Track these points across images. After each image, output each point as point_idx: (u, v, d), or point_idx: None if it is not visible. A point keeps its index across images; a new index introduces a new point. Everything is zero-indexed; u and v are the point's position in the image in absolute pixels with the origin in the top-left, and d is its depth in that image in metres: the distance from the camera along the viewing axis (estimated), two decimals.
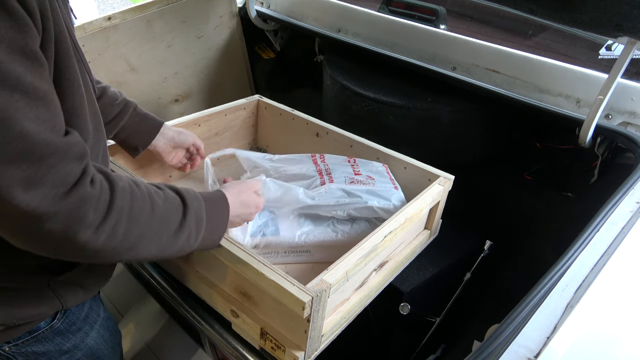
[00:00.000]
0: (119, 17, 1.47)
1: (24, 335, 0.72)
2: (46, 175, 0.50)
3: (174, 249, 0.66)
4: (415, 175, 1.14)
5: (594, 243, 0.81)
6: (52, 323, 0.75)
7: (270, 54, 2.03)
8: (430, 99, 1.40)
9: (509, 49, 1.35)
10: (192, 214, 0.68)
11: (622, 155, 1.19)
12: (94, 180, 0.55)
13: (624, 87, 1.14)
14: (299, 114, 1.35)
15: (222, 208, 0.77)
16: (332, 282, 0.75)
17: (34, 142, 0.48)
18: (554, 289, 0.73)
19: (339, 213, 1.01)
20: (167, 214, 0.64)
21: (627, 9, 0.92)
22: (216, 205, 0.76)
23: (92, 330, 0.83)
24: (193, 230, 0.68)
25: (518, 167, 1.48)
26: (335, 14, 1.71)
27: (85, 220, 0.53)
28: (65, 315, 0.77)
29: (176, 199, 0.67)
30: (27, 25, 0.48)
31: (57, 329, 0.76)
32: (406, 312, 1.08)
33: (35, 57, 0.50)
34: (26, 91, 0.48)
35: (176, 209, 0.66)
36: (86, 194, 0.53)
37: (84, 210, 0.53)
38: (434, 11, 1.63)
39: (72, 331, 0.79)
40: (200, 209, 0.70)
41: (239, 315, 0.86)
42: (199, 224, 0.69)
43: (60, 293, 0.71)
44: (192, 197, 0.70)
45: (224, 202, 0.78)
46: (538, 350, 0.64)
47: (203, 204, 0.71)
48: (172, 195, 0.67)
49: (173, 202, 0.66)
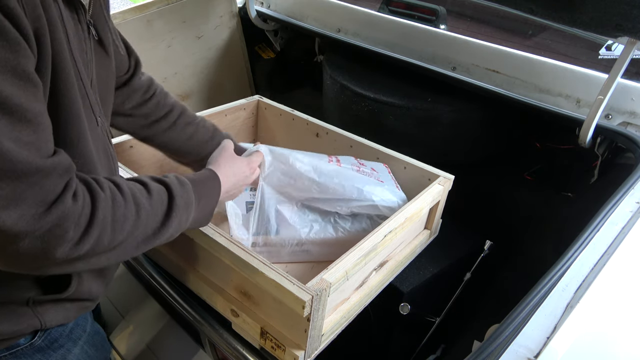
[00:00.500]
0: (119, 17, 1.47)
1: (1, 351, 0.69)
2: (25, 193, 0.48)
3: (164, 238, 0.66)
4: (415, 175, 1.14)
5: (594, 243, 0.81)
6: (32, 340, 0.71)
7: (270, 54, 2.03)
8: (430, 99, 1.40)
9: (509, 49, 1.35)
10: (180, 202, 0.67)
11: (622, 155, 1.19)
12: (77, 193, 0.53)
13: (624, 87, 1.14)
14: (299, 114, 1.35)
15: (213, 188, 0.78)
16: (332, 281, 0.75)
17: (13, 161, 0.47)
18: (554, 289, 0.73)
19: (343, 209, 1.01)
20: (153, 211, 0.63)
21: (627, 9, 0.92)
22: (205, 186, 0.76)
23: (75, 347, 0.79)
24: (183, 216, 0.68)
25: (518, 167, 1.48)
26: (335, 14, 1.71)
27: (66, 237, 0.51)
28: (47, 332, 0.73)
29: (161, 191, 0.66)
30: (19, 45, 0.47)
31: (37, 346, 0.72)
32: (406, 312, 1.08)
33: (28, 78, 0.49)
34: (11, 112, 0.46)
35: (162, 202, 0.65)
36: (67, 210, 0.51)
37: (65, 227, 0.51)
38: (434, 11, 1.63)
39: (53, 348, 0.75)
40: (187, 194, 0.69)
41: (239, 314, 0.86)
42: (188, 208, 0.69)
43: (40, 312, 0.68)
44: (177, 184, 0.68)
45: (215, 182, 0.79)
46: (538, 350, 0.64)
47: (190, 188, 0.70)
48: (156, 189, 0.65)
49: (159, 197, 0.65)
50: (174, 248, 1.01)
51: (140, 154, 1.17)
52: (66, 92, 0.57)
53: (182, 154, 1.04)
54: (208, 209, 0.77)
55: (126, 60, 0.91)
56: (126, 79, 0.92)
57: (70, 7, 0.60)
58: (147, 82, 0.97)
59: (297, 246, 1.02)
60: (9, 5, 0.46)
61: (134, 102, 0.94)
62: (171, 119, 0.99)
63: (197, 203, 0.71)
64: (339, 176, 1.00)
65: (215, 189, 0.79)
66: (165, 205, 0.65)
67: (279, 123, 1.40)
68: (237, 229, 0.97)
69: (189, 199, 0.69)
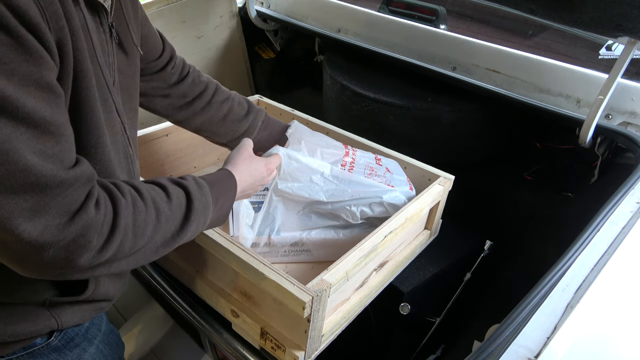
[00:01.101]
0: None
1: (18, 351, 0.69)
2: (49, 204, 0.49)
3: (182, 241, 0.67)
4: (415, 175, 1.14)
5: (594, 243, 0.81)
6: (48, 340, 0.72)
7: (270, 54, 2.03)
8: (430, 99, 1.40)
9: (509, 49, 1.35)
10: (198, 206, 0.68)
11: (622, 155, 1.19)
12: (99, 202, 0.54)
13: (624, 87, 1.14)
14: (299, 114, 1.35)
15: (229, 189, 0.79)
16: (332, 282, 0.75)
17: (38, 175, 0.48)
18: (554, 289, 0.73)
19: (352, 209, 1.00)
20: (172, 216, 0.64)
21: (627, 9, 0.92)
22: (223, 187, 0.77)
23: (90, 346, 0.80)
24: (201, 219, 0.69)
25: (518, 167, 1.48)
26: (335, 14, 1.71)
27: (89, 246, 0.52)
28: (63, 331, 0.74)
29: (180, 195, 0.67)
30: (42, 59, 0.48)
31: (54, 346, 0.73)
32: (406, 312, 1.08)
33: (51, 89, 0.49)
34: (35, 125, 0.47)
35: (181, 206, 0.66)
36: (90, 220, 0.52)
37: (88, 236, 0.52)
38: (434, 11, 1.63)
39: (69, 347, 0.76)
40: (205, 197, 0.70)
41: (239, 315, 0.86)
42: (206, 211, 0.70)
43: (57, 312, 0.69)
44: (195, 188, 0.69)
45: (231, 183, 0.79)
46: (538, 350, 0.64)
47: (208, 191, 0.71)
48: (175, 193, 0.66)
49: (178, 201, 0.66)
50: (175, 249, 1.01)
51: (141, 153, 1.16)
52: (87, 99, 0.58)
53: (220, 134, 1.05)
54: (224, 210, 0.77)
55: (160, 46, 0.93)
56: (163, 63, 0.94)
57: (93, 11, 0.62)
58: (181, 62, 0.99)
59: (297, 246, 1.02)
60: (33, 22, 0.47)
61: (171, 81, 0.96)
62: (206, 97, 1.00)
63: (214, 205, 0.72)
64: (350, 184, 1.00)
65: (232, 190, 0.79)
66: (184, 209, 0.66)
67: None
68: (244, 229, 0.96)
69: (206, 202, 0.70)
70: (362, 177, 1.01)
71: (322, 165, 0.99)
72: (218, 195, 0.74)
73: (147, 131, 1.17)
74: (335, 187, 0.98)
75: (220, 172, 0.81)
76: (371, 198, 0.99)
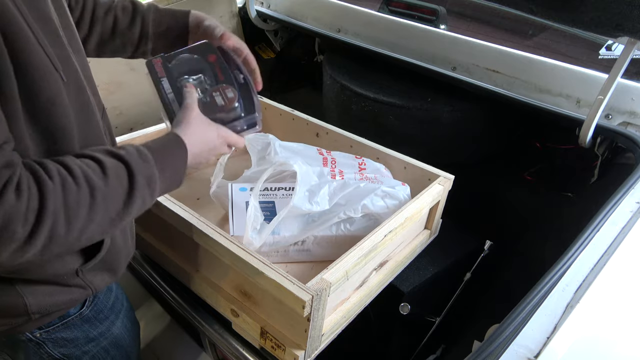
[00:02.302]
0: None
1: (54, 322, 0.74)
2: None
3: (130, 216, 0.62)
4: (415, 175, 1.14)
5: (594, 243, 0.81)
6: (81, 310, 0.77)
7: (270, 54, 2.03)
8: (430, 99, 1.40)
9: (509, 49, 1.35)
10: (140, 180, 0.62)
11: (622, 155, 1.19)
12: (20, 187, 0.50)
13: (624, 87, 1.14)
14: (299, 114, 1.35)
15: (178, 158, 0.70)
16: (332, 281, 0.75)
17: None
18: (554, 289, 0.73)
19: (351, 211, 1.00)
20: (111, 193, 0.59)
21: (627, 9, 0.92)
22: (170, 155, 0.69)
23: (117, 320, 0.85)
24: (146, 193, 0.63)
25: (518, 167, 1.48)
26: (335, 14, 1.71)
27: (15, 236, 0.49)
28: (93, 302, 0.79)
29: (119, 168, 0.60)
30: None
31: (85, 316, 0.78)
32: (406, 312, 1.08)
33: None
34: None
35: (121, 181, 0.60)
36: (10, 209, 0.48)
37: (11, 227, 0.49)
38: (434, 11, 1.63)
39: (99, 319, 0.81)
40: (149, 169, 0.64)
41: (239, 314, 0.86)
42: (151, 184, 0.64)
43: (89, 279, 0.72)
44: (136, 158, 0.62)
45: (181, 150, 0.70)
46: (538, 350, 0.64)
47: (152, 160, 0.64)
48: (113, 167, 0.60)
49: (116, 175, 0.60)
50: (174, 248, 1.01)
51: None
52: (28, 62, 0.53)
53: (118, 50, 0.92)
54: (175, 179, 0.70)
55: None
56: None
57: None
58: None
59: (297, 246, 1.02)
60: None
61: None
62: (87, 16, 0.86)
63: (161, 176, 0.66)
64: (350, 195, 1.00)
65: (182, 158, 0.71)
66: (125, 184, 0.60)
67: (279, 123, 1.40)
68: (250, 233, 0.95)
69: (151, 175, 0.64)
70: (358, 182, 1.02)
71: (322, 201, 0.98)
72: (164, 165, 0.67)
73: (147, 131, 1.17)
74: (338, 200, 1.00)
75: (167, 138, 0.72)
76: (371, 191, 1.00)
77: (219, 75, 0.89)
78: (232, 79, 0.87)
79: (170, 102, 0.84)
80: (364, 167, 1.12)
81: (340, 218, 0.99)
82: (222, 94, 0.82)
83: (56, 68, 0.56)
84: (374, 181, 1.05)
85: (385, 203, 1.01)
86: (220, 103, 0.81)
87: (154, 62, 0.88)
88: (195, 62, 0.91)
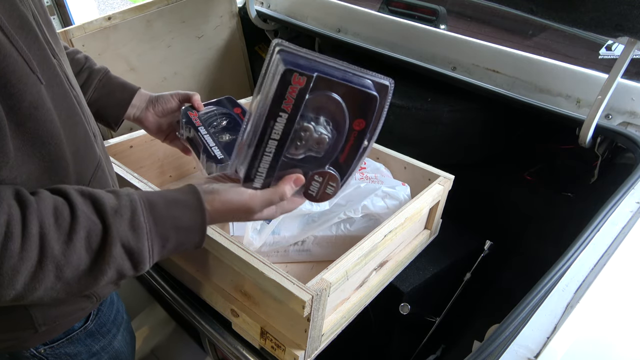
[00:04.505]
0: (119, 17, 1.47)
1: (59, 337, 0.73)
2: None
3: (97, 286, 0.52)
4: (415, 175, 1.14)
5: (594, 243, 0.81)
6: (85, 324, 0.76)
7: None
8: (430, 99, 1.40)
9: (509, 49, 1.35)
10: (117, 254, 0.51)
11: (622, 155, 1.19)
12: None
13: (624, 87, 1.14)
14: None
15: (190, 226, 0.57)
16: (332, 281, 0.75)
17: None
18: (554, 289, 0.73)
19: (351, 211, 1.01)
20: (70, 261, 0.49)
21: (627, 9, 0.92)
22: (177, 221, 0.56)
23: (118, 333, 0.85)
24: (125, 265, 0.53)
25: (518, 167, 1.48)
26: (335, 14, 1.71)
27: None
28: (97, 316, 0.78)
29: (94, 230, 0.50)
30: None
31: (89, 331, 0.77)
32: (406, 312, 1.08)
33: None
34: None
35: (90, 247, 0.50)
36: None
37: None
38: (434, 11, 1.63)
39: (102, 333, 0.80)
40: (138, 243, 0.53)
41: (239, 314, 0.86)
42: (132, 255, 0.53)
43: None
44: (124, 228, 0.51)
45: (195, 214, 0.57)
46: (538, 350, 0.64)
47: (145, 232, 0.53)
48: (87, 226, 0.50)
49: (87, 239, 0.50)
50: None
51: (140, 153, 1.17)
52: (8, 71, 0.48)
53: None
54: (185, 246, 0.58)
55: None
56: None
57: None
58: None
59: (297, 246, 1.02)
60: None
61: None
62: None
63: (160, 245, 0.55)
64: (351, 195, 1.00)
65: (194, 226, 0.57)
66: (93, 250, 0.50)
67: None
68: (250, 232, 0.95)
69: (137, 248, 0.53)
70: (359, 182, 1.02)
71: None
72: (167, 233, 0.55)
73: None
74: (338, 200, 1.00)
75: (182, 194, 0.59)
76: (371, 192, 1.00)
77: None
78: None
79: (211, 148, 0.87)
80: (365, 166, 1.12)
81: (340, 218, 0.99)
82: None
83: (33, 71, 0.51)
84: (374, 181, 1.05)
85: (385, 203, 1.01)
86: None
87: (190, 114, 0.93)
88: (223, 113, 0.98)
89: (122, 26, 1.49)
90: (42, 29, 0.57)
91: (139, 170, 1.17)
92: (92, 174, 0.66)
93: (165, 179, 1.27)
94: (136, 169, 1.15)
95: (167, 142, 0.99)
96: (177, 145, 0.98)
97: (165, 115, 0.95)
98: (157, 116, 0.94)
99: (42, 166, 0.54)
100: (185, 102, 0.95)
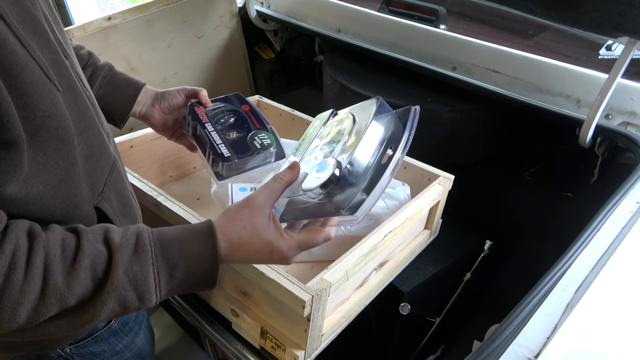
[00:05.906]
0: (119, 17, 1.47)
1: (84, 337, 0.73)
2: None
3: (98, 321, 0.51)
4: (415, 175, 1.14)
5: (594, 243, 0.81)
6: (109, 324, 0.76)
7: (270, 54, 2.03)
8: (430, 99, 1.40)
9: (509, 49, 1.35)
10: (121, 282, 0.50)
11: (622, 155, 1.19)
12: None
13: (624, 87, 1.14)
14: (299, 114, 1.35)
15: (200, 265, 0.56)
16: (332, 281, 0.75)
17: None
18: (554, 289, 0.73)
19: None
20: (72, 292, 0.48)
21: (627, 9, 0.92)
22: (189, 262, 0.55)
23: (140, 331, 0.85)
24: (128, 296, 0.51)
25: (518, 167, 1.48)
26: (335, 14, 1.71)
27: None
28: None
29: (98, 254, 0.49)
30: None
31: (113, 330, 0.78)
32: (406, 312, 1.08)
33: None
34: None
35: (96, 274, 0.49)
36: None
37: None
38: (434, 11, 1.62)
39: (125, 331, 0.81)
40: (138, 262, 0.51)
41: (239, 314, 0.86)
42: (138, 287, 0.51)
43: None
44: (126, 259, 0.50)
45: (207, 250, 0.56)
46: (538, 350, 0.64)
47: (152, 277, 0.51)
48: (88, 267, 0.48)
49: (92, 263, 0.49)
50: None
51: (141, 153, 1.17)
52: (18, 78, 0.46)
53: None
54: (196, 278, 0.56)
55: None
56: None
57: None
58: None
59: None
60: None
61: None
62: None
63: (168, 276, 0.53)
64: None
65: (206, 248, 0.56)
66: (99, 281, 0.49)
67: (279, 123, 1.40)
68: None
69: (144, 276, 0.51)
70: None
71: None
72: (175, 259, 0.54)
73: (147, 131, 1.17)
74: None
75: (195, 224, 0.58)
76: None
77: (255, 124, 0.98)
78: (266, 126, 0.96)
79: (218, 145, 0.88)
80: None
81: None
82: None
83: (50, 79, 0.50)
84: None
85: (385, 204, 1.01)
86: None
87: (197, 110, 0.93)
88: (231, 110, 0.99)
89: (122, 26, 1.49)
90: (53, 29, 0.56)
91: (139, 170, 1.17)
92: (108, 176, 0.64)
93: (166, 179, 1.27)
94: (136, 169, 1.15)
95: (173, 139, 0.98)
96: (183, 143, 0.97)
97: (171, 112, 0.93)
98: (163, 113, 0.92)
99: (57, 174, 0.52)
100: (192, 98, 0.94)
